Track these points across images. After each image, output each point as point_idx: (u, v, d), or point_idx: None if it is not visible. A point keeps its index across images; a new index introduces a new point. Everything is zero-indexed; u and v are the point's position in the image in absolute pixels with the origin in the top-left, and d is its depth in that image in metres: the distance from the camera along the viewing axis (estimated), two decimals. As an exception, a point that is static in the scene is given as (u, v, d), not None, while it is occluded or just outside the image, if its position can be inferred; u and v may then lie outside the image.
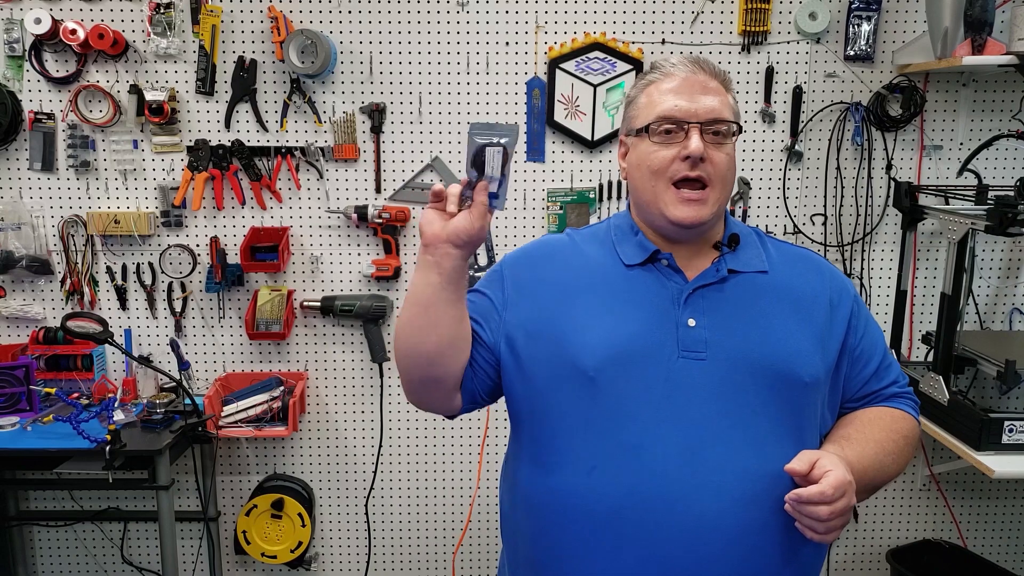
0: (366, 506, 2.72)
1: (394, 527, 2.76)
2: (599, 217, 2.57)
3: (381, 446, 2.68)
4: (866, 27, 2.47)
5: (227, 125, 2.51)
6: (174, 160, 2.52)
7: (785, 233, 2.58)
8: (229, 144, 2.50)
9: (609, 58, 2.48)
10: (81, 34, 2.35)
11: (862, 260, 2.61)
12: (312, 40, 2.38)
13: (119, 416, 2.32)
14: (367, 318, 2.56)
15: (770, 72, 2.50)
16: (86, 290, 2.57)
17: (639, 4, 2.47)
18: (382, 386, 2.65)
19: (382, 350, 2.59)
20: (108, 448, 2.13)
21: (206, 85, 2.48)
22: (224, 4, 2.44)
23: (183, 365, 2.50)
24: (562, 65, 2.48)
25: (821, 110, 2.53)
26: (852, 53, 2.49)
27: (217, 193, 2.52)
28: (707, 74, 1.22)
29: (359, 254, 2.59)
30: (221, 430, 2.43)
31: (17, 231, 2.49)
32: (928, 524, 2.76)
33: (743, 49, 2.50)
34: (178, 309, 2.59)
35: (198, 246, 2.56)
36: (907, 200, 2.47)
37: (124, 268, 2.57)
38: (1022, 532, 2.77)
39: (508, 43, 2.49)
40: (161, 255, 2.55)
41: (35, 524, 2.71)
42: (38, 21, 2.35)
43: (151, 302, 2.59)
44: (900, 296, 2.58)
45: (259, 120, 2.50)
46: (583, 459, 1.17)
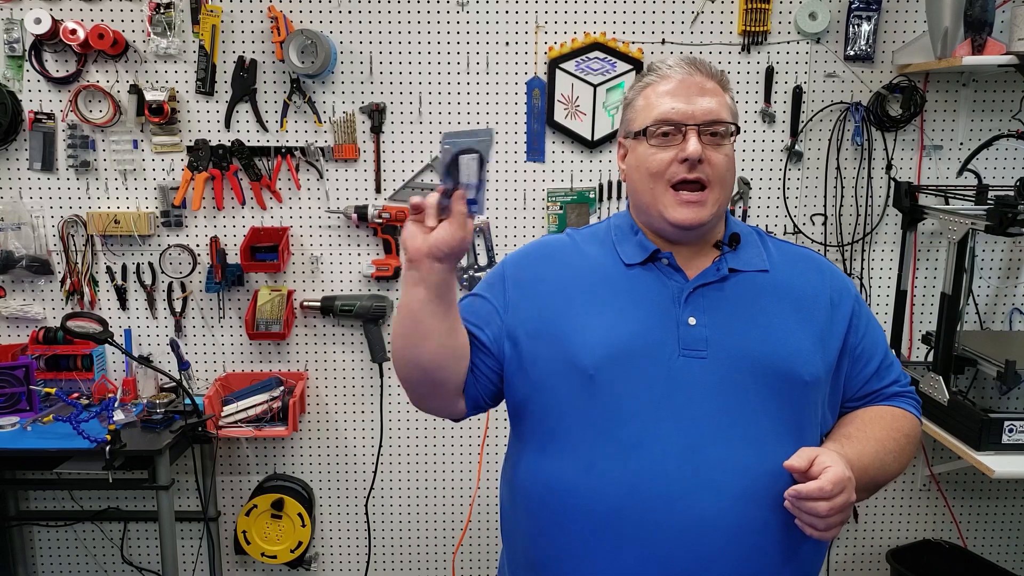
0: (366, 506, 2.72)
1: (394, 527, 2.76)
2: (599, 217, 2.57)
3: (381, 446, 2.68)
4: (866, 27, 2.47)
5: (227, 125, 2.51)
6: (174, 160, 2.52)
7: (785, 233, 2.58)
8: (229, 144, 2.50)
9: (609, 58, 2.48)
10: (81, 34, 2.35)
11: (862, 260, 2.61)
12: (312, 40, 2.38)
13: (119, 416, 2.32)
14: (367, 318, 2.56)
15: (770, 72, 2.50)
16: (86, 290, 2.56)
17: (639, 4, 2.47)
18: (382, 386, 2.65)
19: (382, 350, 2.59)
20: (108, 448, 2.13)
21: (206, 85, 2.48)
22: (224, 4, 2.44)
23: (183, 365, 2.50)
24: (562, 65, 2.48)
25: (821, 110, 2.53)
26: (852, 53, 2.49)
27: (217, 193, 2.52)
28: (704, 75, 1.22)
29: (359, 254, 2.59)
30: (221, 430, 2.43)
31: (17, 231, 2.49)
32: (928, 524, 2.76)
33: (743, 49, 2.50)
34: (178, 309, 2.59)
35: (198, 246, 2.56)
36: (907, 200, 2.47)
37: (124, 268, 2.57)
38: (1022, 532, 2.77)
39: (508, 43, 2.49)
40: (161, 255, 2.55)
41: (35, 524, 2.71)
42: (38, 21, 2.35)
43: (151, 302, 2.59)
44: (900, 296, 2.58)
45: (259, 120, 2.50)
46: (582, 457, 1.17)
